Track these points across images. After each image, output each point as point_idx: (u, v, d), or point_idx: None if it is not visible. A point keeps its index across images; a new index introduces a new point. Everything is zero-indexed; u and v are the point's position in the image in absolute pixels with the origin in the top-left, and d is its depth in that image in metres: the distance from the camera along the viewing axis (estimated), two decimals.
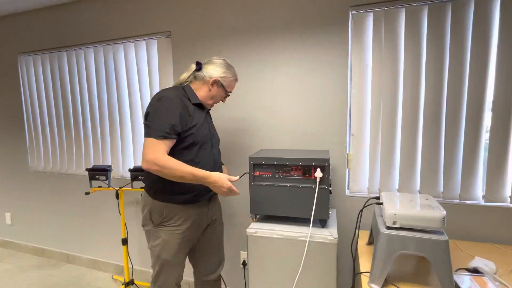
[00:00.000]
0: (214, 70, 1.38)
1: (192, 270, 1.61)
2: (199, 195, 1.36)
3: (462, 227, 1.54)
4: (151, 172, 1.21)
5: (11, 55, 2.67)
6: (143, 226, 1.41)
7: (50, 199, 2.70)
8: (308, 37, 1.73)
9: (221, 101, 1.50)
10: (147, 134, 1.22)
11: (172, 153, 1.27)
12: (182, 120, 1.25)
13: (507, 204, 1.48)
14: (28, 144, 2.74)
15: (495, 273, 1.16)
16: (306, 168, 1.41)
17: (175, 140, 1.26)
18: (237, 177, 1.29)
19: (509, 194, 1.48)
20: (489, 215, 1.50)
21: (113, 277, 2.43)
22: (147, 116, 1.26)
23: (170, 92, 1.29)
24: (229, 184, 1.24)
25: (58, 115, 2.56)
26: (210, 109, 1.55)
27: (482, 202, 1.52)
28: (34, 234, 2.85)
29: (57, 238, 2.74)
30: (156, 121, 1.21)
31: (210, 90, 1.39)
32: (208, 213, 1.46)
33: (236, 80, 1.47)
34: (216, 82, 1.38)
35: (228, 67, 1.42)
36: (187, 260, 1.50)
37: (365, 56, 1.66)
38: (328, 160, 1.36)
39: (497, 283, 1.09)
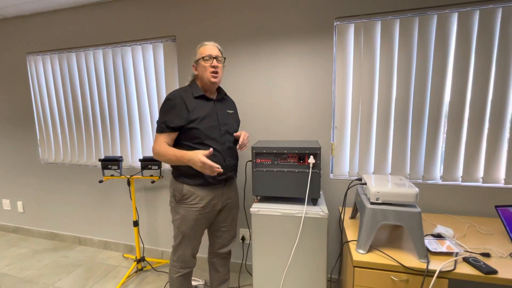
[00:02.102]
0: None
1: (203, 247, 1.61)
2: (211, 179, 1.35)
3: (425, 202, 1.64)
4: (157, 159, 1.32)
5: (19, 55, 2.48)
6: (170, 202, 1.43)
7: (61, 188, 2.57)
8: (299, 43, 1.75)
9: (215, 71, 1.34)
10: (156, 131, 1.34)
11: (181, 145, 1.34)
12: (178, 117, 1.29)
13: (459, 182, 1.60)
14: (38, 138, 2.58)
15: (453, 237, 1.26)
16: (300, 155, 1.44)
17: (174, 133, 1.32)
18: (210, 150, 1.23)
19: (461, 175, 1.60)
20: (445, 192, 1.61)
21: (124, 255, 2.37)
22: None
23: (173, 93, 1.33)
24: (203, 159, 1.17)
25: (68, 111, 2.42)
26: (224, 96, 1.49)
27: (440, 182, 1.63)
28: (46, 220, 2.71)
29: (68, 223, 2.62)
30: (159, 119, 1.33)
31: (197, 72, 1.38)
32: (222, 196, 1.45)
33: (202, 45, 1.36)
34: (194, 64, 1.39)
35: (197, 47, 1.39)
36: (204, 236, 1.50)
37: (347, 61, 1.70)
38: (320, 148, 1.40)
39: (454, 242, 1.19)
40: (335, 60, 1.72)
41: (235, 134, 1.47)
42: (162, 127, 1.29)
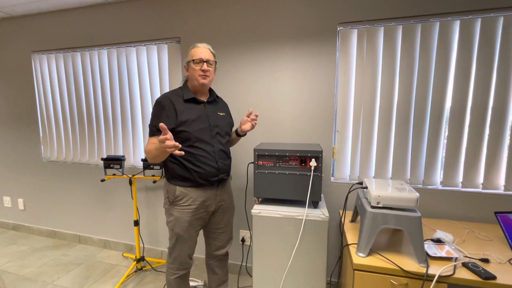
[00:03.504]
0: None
1: (201, 248, 1.61)
2: (203, 180, 1.35)
3: (425, 207, 1.65)
4: (148, 160, 1.29)
5: (25, 53, 2.50)
6: (163, 204, 1.44)
7: (62, 186, 2.58)
8: (302, 47, 1.76)
9: (205, 74, 1.34)
10: (149, 135, 1.33)
11: None
12: (167, 120, 1.27)
13: (459, 188, 1.61)
14: (41, 135, 2.59)
15: (453, 242, 1.26)
16: (302, 158, 1.45)
17: None
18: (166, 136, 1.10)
19: (461, 180, 1.61)
20: (445, 197, 1.62)
21: (124, 254, 2.38)
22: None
23: (162, 96, 1.34)
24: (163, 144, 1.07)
25: (71, 110, 2.44)
26: (215, 99, 1.47)
27: (440, 187, 1.64)
28: (47, 218, 2.72)
29: (69, 221, 2.63)
30: (150, 122, 1.33)
31: (188, 74, 1.39)
32: (216, 198, 1.44)
33: (194, 47, 1.37)
34: (185, 66, 1.40)
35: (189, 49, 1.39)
36: (201, 238, 1.50)
37: (349, 65, 1.72)
38: (321, 151, 1.41)
39: (453, 247, 1.20)
40: (337, 65, 1.74)
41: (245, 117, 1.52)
42: (153, 130, 1.29)
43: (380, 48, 1.65)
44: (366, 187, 1.27)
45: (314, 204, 1.49)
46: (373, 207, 1.17)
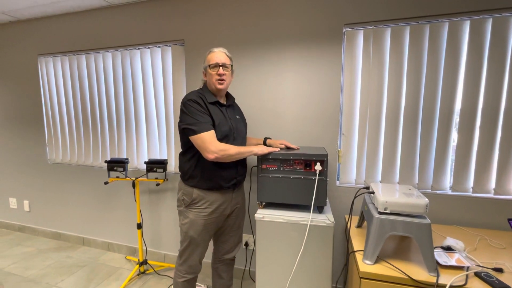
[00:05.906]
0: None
1: (208, 252, 1.60)
2: (223, 183, 1.37)
3: (433, 212, 1.60)
4: (219, 160, 1.26)
5: (31, 56, 2.53)
6: (177, 206, 1.44)
7: (67, 188, 2.60)
8: (307, 48, 1.74)
9: (221, 78, 1.35)
10: (197, 132, 1.25)
11: (192, 151, 1.33)
12: (209, 117, 1.31)
13: (469, 193, 1.56)
14: (47, 138, 2.62)
15: (464, 250, 1.22)
16: (307, 162, 1.42)
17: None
18: (278, 149, 1.45)
19: (471, 185, 1.56)
20: (455, 203, 1.57)
21: (127, 257, 2.37)
22: (183, 119, 1.30)
23: (194, 96, 1.32)
24: (267, 151, 1.38)
25: (76, 113, 2.45)
26: (233, 103, 1.52)
27: (450, 192, 1.59)
28: (52, 220, 2.73)
29: (73, 223, 2.64)
30: (198, 119, 1.26)
31: (206, 79, 1.41)
32: (232, 201, 1.45)
33: (210, 52, 1.38)
34: (203, 71, 1.42)
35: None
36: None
37: (355, 67, 1.69)
38: (327, 155, 1.38)
39: (464, 255, 1.16)
40: (343, 67, 1.71)
41: (273, 149, 1.46)
42: (210, 124, 1.27)
43: (387, 49, 1.61)
44: (373, 192, 1.23)
45: (319, 209, 1.45)
46: (380, 213, 1.14)
